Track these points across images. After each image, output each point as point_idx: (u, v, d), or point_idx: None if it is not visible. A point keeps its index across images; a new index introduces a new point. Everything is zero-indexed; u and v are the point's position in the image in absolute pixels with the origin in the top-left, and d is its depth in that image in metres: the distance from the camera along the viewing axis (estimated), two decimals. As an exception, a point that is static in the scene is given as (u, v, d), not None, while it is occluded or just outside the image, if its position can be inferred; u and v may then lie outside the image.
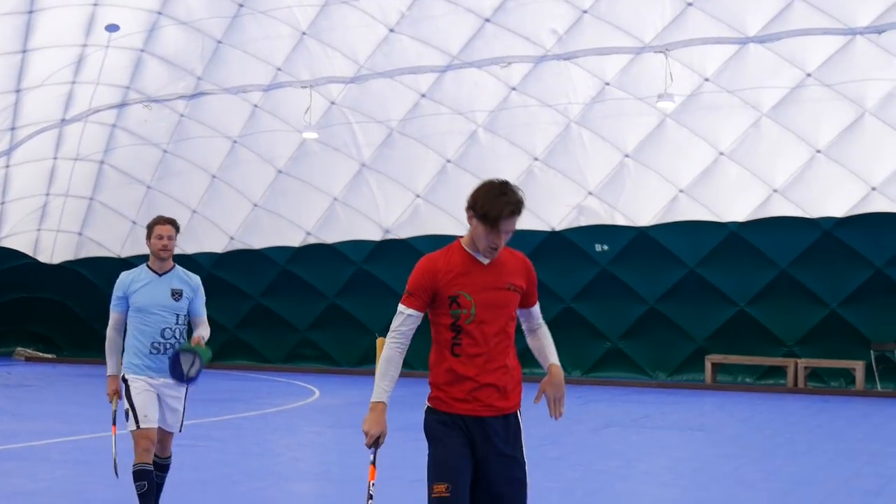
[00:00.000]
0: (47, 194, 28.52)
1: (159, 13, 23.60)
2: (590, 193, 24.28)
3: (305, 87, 23.62)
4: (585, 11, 21.46)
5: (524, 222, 9.63)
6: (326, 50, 23.62)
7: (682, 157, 23.32)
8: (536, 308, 5.52)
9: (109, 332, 8.18)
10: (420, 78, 23.59)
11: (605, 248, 25.26)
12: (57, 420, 16.73)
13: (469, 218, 5.29)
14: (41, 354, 31.73)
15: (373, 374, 18.14)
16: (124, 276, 8.21)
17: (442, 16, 22.40)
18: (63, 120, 26.21)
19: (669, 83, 20.83)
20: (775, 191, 22.73)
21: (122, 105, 26.11)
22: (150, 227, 8.12)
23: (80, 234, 29.70)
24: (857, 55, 20.78)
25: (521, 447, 5.32)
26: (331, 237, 27.07)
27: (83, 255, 30.13)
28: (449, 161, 24.57)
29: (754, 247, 23.54)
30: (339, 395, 21.81)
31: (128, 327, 8.19)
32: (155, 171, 27.44)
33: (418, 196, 25.44)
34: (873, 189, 22.16)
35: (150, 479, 7.96)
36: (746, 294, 24.01)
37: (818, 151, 21.87)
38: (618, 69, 22.36)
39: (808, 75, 21.17)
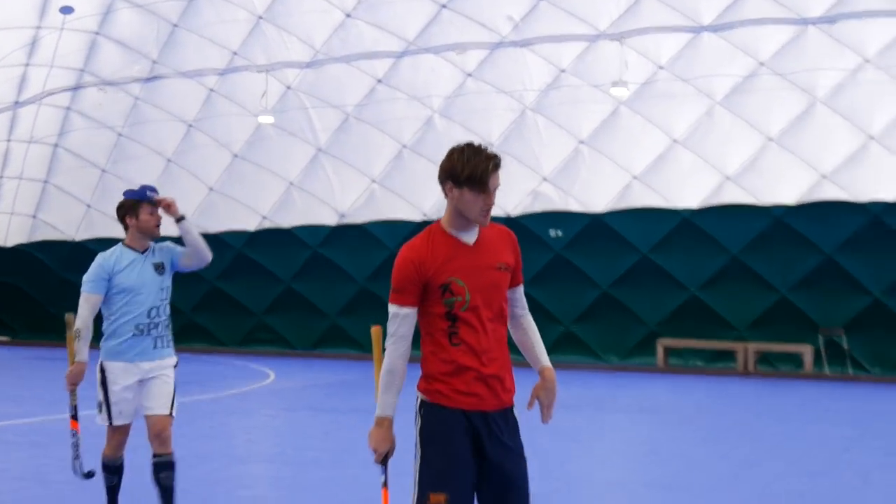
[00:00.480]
0: (1, 177, 28.53)
1: (115, -5, 23.59)
2: (544, 179, 24.55)
3: (261, 71, 23.77)
4: (542, -2, 21.56)
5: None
6: (283, 34, 23.74)
7: (635, 144, 23.68)
8: (521, 289, 5.17)
9: (86, 315, 7.59)
10: (376, 63, 23.84)
11: (560, 233, 25.47)
12: (11, 403, 16.82)
13: (449, 190, 4.93)
14: (-5, 337, 31.67)
15: (328, 356, 18.53)
16: (107, 257, 7.69)
17: (398, 1, 22.54)
18: (16, 102, 26.21)
19: (624, 71, 21.07)
20: (727, 178, 23.06)
21: (76, 88, 26.16)
22: (136, 206, 7.66)
23: (34, 216, 29.81)
24: (809, 45, 21.15)
25: (521, 443, 5.06)
26: (286, 221, 27.30)
27: (37, 237, 30.32)
28: (405, 146, 24.82)
29: (706, 233, 23.95)
30: (295, 378, 21.99)
31: (106, 310, 7.68)
32: (110, 155, 27.48)
33: (374, 181, 25.62)
34: (824, 177, 22.49)
35: (120, 473, 7.68)
36: (698, 279, 24.40)
37: (770, 139, 22.21)
38: (573, 56, 22.64)
39: (761, 64, 21.56)
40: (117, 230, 8.57)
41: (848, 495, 9.88)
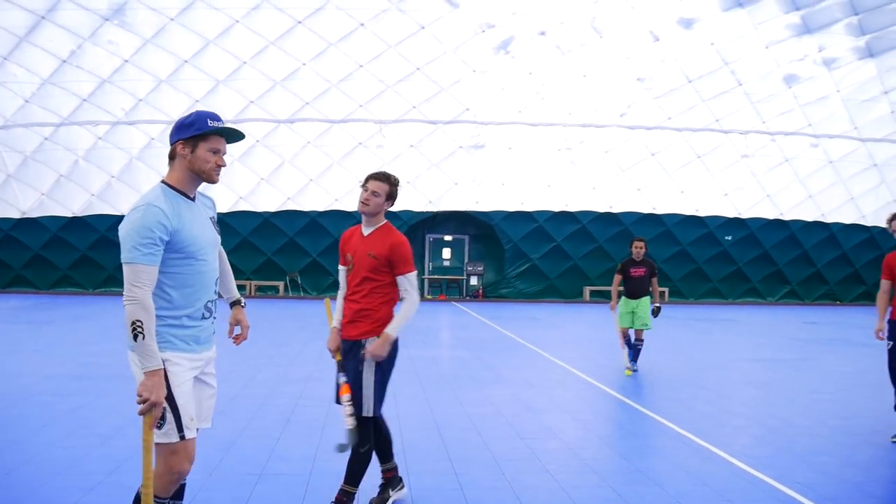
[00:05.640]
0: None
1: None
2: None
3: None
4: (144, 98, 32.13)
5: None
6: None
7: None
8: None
9: (146, 300, 4.48)
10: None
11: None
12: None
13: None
14: None
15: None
16: (155, 210, 4.59)
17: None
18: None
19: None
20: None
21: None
22: (196, 139, 4.80)
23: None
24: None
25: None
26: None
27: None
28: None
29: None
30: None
31: (161, 284, 4.69)
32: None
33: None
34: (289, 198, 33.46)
35: None
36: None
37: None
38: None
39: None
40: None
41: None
